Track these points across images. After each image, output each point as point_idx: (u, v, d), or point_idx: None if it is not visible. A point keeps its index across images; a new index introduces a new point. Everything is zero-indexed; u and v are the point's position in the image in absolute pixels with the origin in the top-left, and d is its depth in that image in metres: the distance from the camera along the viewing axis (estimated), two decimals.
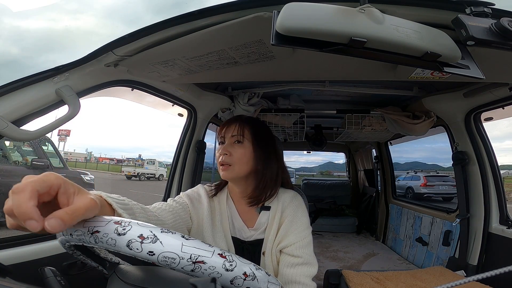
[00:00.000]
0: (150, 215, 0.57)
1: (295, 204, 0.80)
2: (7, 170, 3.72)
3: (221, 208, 0.80)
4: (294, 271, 0.72)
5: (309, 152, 3.87)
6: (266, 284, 0.39)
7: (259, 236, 0.79)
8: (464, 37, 0.52)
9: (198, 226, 0.77)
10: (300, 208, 0.79)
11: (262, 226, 0.79)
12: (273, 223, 0.78)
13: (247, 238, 0.79)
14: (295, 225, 0.76)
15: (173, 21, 0.68)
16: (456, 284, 0.31)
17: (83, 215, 0.34)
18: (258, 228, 0.79)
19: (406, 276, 1.37)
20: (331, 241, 2.78)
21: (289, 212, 0.78)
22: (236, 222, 0.80)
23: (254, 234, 0.79)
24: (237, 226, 0.79)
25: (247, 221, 0.80)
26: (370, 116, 1.89)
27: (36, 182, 0.31)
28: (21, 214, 0.29)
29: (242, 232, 0.79)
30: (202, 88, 1.43)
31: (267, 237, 0.77)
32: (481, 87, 1.23)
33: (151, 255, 0.34)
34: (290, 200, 0.80)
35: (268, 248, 0.76)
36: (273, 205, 0.79)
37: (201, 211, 0.78)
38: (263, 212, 0.79)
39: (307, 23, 0.47)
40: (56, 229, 0.30)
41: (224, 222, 0.79)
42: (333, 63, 0.89)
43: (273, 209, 0.79)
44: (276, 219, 0.77)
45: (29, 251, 0.83)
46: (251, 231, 0.79)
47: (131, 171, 15.52)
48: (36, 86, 0.74)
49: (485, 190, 1.43)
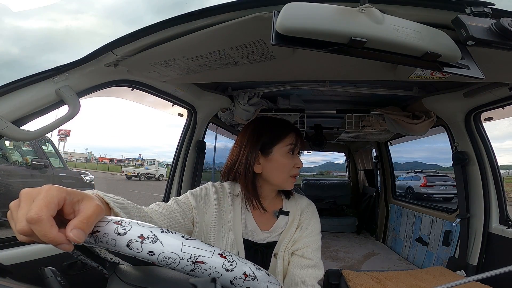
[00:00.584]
0: (143, 215, 0.55)
1: (311, 211, 0.83)
2: (7, 170, 3.72)
3: (234, 210, 0.78)
4: (304, 272, 0.74)
5: (309, 152, 3.86)
6: (266, 284, 0.39)
7: (273, 238, 0.79)
8: (464, 37, 0.52)
9: (202, 228, 0.74)
10: (315, 214, 0.83)
11: (279, 230, 0.80)
12: (291, 227, 0.79)
13: (260, 240, 0.78)
14: (310, 229, 0.79)
15: (173, 21, 0.68)
16: (456, 284, 0.31)
17: (95, 221, 0.35)
18: (274, 232, 0.79)
19: (406, 276, 1.37)
20: (331, 241, 2.78)
21: (305, 217, 0.81)
22: (249, 224, 0.78)
23: (269, 237, 0.79)
24: (250, 229, 0.78)
25: (261, 224, 0.80)
26: (370, 116, 1.89)
27: (47, 207, 0.32)
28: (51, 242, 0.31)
29: (254, 234, 0.78)
30: (202, 88, 1.43)
31: (281, 240, 0.78)
32: (481, 87, 1.23)
33: (151, 255, 0.34)
34: (306, 206, 0.84)
35: (281, 250, 0.77)
36: (291, 210, 0.81)
37: (209, 213, 0.75)
38: (281, 216, 0.80)
39: (307, 23, 0.47)
40: (81, 239, 0.32)
41: (237, 224, 0.77)
42: (333, 63, 0.89)
43: (292, 214, 0.81)
44: (294, 224, 0.80)
45: (29, 251, 0.83)
46: (265, 233, 0.79)
47: (131, 171, 15.52)
48: (36, 86, 0.74)
49: (485, 190, 1.43)
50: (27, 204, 0.32)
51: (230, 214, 0.77)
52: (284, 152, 0.76)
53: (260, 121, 0.83)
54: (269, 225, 0.80)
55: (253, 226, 0.79)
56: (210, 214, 0.75)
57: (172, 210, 0.70)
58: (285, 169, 0.76)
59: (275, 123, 0.80)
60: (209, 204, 0.77)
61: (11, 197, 1.45)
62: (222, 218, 0.76)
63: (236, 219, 0.77)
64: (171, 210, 0.70)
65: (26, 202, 0.32)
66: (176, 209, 0.71)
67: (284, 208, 0.82)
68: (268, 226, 0.79)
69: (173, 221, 0.68)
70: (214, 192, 0.79)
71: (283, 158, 0.76)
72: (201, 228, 0.74)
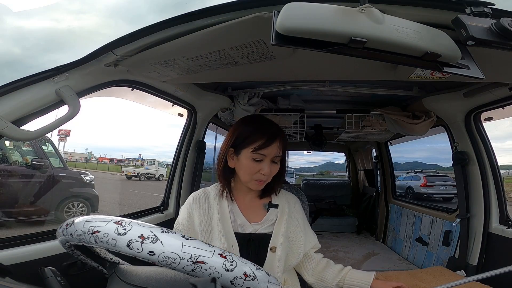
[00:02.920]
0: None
1: (299, 207, 0.89)
2: (7, 170, 3.72)
3: (221, 207, 0.80)
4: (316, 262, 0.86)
5: (309, 152, 3.88)
6: (266, 284, 0.39)
7: (265, 230, 0.81)
8: (464, 37, 0.51)
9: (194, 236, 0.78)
10: (301, 209, 0.90)
11: (270, 221, 0.82)
12: (282, 220, 0.82)
13: (252, 231, 0.80)
14: (305, 225, 0.86)
15: (173, 21, 0.68)
16: (456, 284, 0.31)
17: None
18: (265, 223, 0.81)
19: (406, 276, 1.37)
20: (331, 241, 2.78)
21: (296, 212, 0.86)
22: (238, 218, 0.81)
23: (260, 228, 0.81)
24: (240, 223, 0.80)
25: (249, 216, 0.82)
26: (370, 116, 1.89)
27: None
28: None
29: (245, 227, 0.80)
30: (202, 88, 1.43)
31: (277, 232, 0.80)
32: (481, 87, 1.23)
33: (152, 255, 0.34)
34: (295, 203, 0.88)
35: (280, 244, 0.78)
36: (280, 203, 0.85)
37: (195, 222, 0.78)
38: (271, 209, 0.83)
39: (307, 23, 0.47)
40: None
41: (225, 220, 0.79)
42: (333, 63, 0.89)
43: (281, 207, 0.84)
44: (285, 217, 0.82)
45: (29, 251, 0.83)
46: (255, 225, 0.81)
47: (131, 171, 15.49)
48: (36, 86, 0.74)
49: (485, 190, 1.43)
50: None
51: (217, 212, 0.79)
52: (248, 156, 0.76)
53: (245, 120, 0.85)
54: (259, 217, 0.82)
55: (242, 220, 0.81)
56: (197, 221, 0.78)
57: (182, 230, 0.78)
58: (249, 172, 0.76)
59: (256, 125, 0.79)
60: (192, 216, 0.79)
61: (11, 197, 1.46)
62: (209, 218, 0.78)
63: (224, 215, 0.79)
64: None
65: None
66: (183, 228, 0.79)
67: (273, 201, 0.85)
68: (258, 218, 0.82)
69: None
70: (192, 201, 0.82)
71: (247, 161, 0.76)
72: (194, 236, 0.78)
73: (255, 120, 0.84)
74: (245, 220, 0.81)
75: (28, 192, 3.53)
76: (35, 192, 3.62)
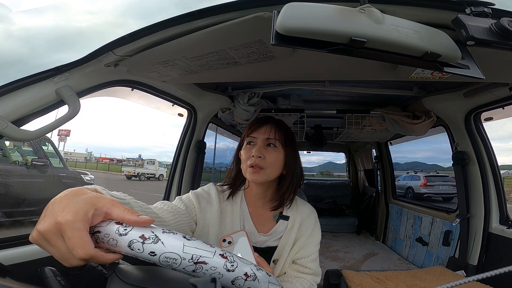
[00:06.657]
0: (149, 212, 0.56)
1: (313, 220, 0.82)
2: (7, 170, 3.72)
3: (233, 211, 0.78)
4: (301, 275, 0.78)
5: (309, 152, 3.87)
6: (267, 284, 0.39)
7: (273, 243, 0.78)
8: (464, 37, 0.51)
9: (204, 228, 0.75)
10: (317, 224, 0.83)
11: (278, 234, 0.79)
12: (291, 233, 0.78)
13: (259, 243, 0.77)
14: (311, 239, 0.80)
15: (173, 21, 0.68)
16: (456, 284, 0.31)
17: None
18: (273, 236, 0.79)
19: (406, 276, 1.37)
20: (331, 241, 2.78)
21: (308, 226, 0.80)
22: (247, 225, 0.78)
23: (267, 241, 0.78)
24: (248, 229, 0.78)
25: (258, 225, 0.79)
26: (370, 116, 1.89)
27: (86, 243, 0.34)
28: (106, 261, 0.36)
29: (252, 237, 0.77)
30: (202, 88, 1.43)
31: (282, 246, 0.77)
32: (481, 87, 1.23)
33: (153, 255, 0.34)
34: (308, 214, 0.82)
35: (283, 257, 0.76)
36: (292, 215, 0.80)
37: (210, 213, 0.76)
38: (281, 221, 0.80)
39: (307, 23, 0.47)
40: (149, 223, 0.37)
41: (235, 225, 0.76)
42: (333, 63, 0.89)
43: (292, 220, 0.80)
44: (294, 230, 0.79)
45: (29, 251, 0.82)
46: (262, 236, 0.78)
47: (131, 171, 15.50)
48: (36, 86, 0.74)
49: (485, 190, 1.43)
50: (61, 239, 0.35)
51: (229, 216, 0.77)
52: (245, 145, 0.79)
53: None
54: (267, 228, 0.79)
55: (250, 227, 0.78)
56: (212, 214, 0.75)
57: (177, 208, 0.71)
58: (244, 158, 0.77)
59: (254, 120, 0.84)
60: (210, 204, 0.77)
61: (12, 197, 1.45)
62: (222, 219, 0.76)
63: (235, 220, 0.77)
64: (176, 208, 0.71)
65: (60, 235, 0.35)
66: (180, 207, 0.72)
67: (285, 212, 0.81)
68: (266, 229, 0.79)
69: (179, 218, 0.68)
70: (216, 192, 0.79)
71: (244, 149, 0.79)
72: (203, 228, 0.75)
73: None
74: (254, 228, 0.78)
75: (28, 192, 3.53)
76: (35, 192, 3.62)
